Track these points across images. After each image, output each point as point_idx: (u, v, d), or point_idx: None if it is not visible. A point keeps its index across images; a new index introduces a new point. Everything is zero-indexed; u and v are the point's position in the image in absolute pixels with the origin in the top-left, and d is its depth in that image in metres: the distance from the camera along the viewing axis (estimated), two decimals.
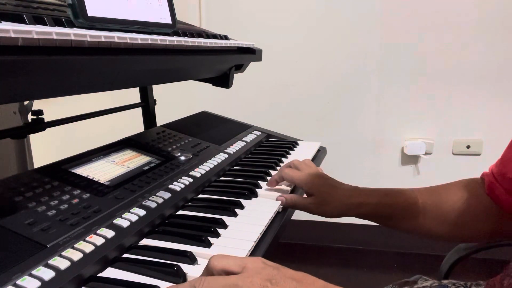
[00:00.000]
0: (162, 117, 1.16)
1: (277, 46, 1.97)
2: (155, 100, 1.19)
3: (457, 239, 0.77)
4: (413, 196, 0.75)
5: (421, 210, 0.74)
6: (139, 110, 1.17)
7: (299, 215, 0.81)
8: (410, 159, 2.01)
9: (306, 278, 0.44)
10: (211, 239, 0.58)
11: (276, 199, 0.75)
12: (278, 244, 0.64)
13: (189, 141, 0.95)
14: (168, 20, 0.76)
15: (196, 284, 0.42)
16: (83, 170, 0.69)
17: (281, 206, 0.74)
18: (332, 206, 0.74)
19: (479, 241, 0.75)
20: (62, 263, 0.46)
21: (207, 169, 0.83)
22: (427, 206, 0.74)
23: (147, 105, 1.17)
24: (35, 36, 0.44)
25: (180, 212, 0.69)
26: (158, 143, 0.89)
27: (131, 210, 0.60)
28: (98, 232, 0.53)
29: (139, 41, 0.61)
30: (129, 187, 0.67)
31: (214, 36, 0.94)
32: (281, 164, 0.95)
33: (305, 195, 0.79)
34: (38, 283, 0.43)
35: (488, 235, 0.73)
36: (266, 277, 0.42)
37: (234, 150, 0.98)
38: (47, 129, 0.82)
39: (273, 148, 1.08)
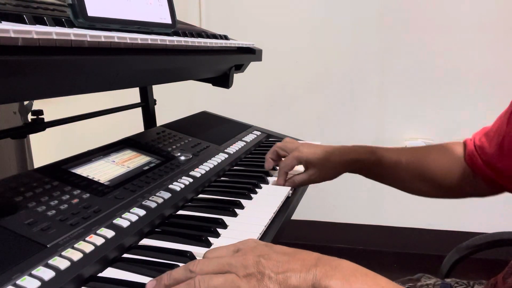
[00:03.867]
0: (162, 117, 1.16)
1: (277, 46, 1.97)
2: (155, 100, 1.19)
3: (434, 196, 0.86)
4: (397, 155, 0.83)
5: (404, 167, 0.82)
6: (139, 110, 1.17)
7: (299, 215, 0.82)
8: None
9: (299, 252, 0.44)
10: (211, 239, 0.58)
11: (285, 185, 0.83)
12: (278, 244, 0.64)
13: (189, 141, 0.95)
14: (168, 20, 0.76)
15: (191, 266, 0.43)
16: (83, 170, 0.69)
17: (281, 205, 0.74)
18: (330, 170, 0.83)
19: (453, 198, 0.85)
20: (62, 263, 0.46)
21: (207, 169, 0.83)
22: (410, 165, 0.82)
23: (147, 105, 1.17)
24: (35, 36, 0.44)
25: (180, 212, 0.69)
26: (158, 143, 0.89)
27: (131, 210, 0.60)
28: (98, 232, 0.53)
29: (139, 41, 0.61)
30: (129, 187, 0.67)
31: (214, 36, 0.94)
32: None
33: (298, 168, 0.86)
34: (38, 283, 0.43)
35: (462, 193, 0.82)
36: (259, 254, 0.43)
37: (234, 150, 0.98)
38: (47, 129, 0.82)
39: None
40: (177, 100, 1.96)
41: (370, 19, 1.92)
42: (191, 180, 0.76)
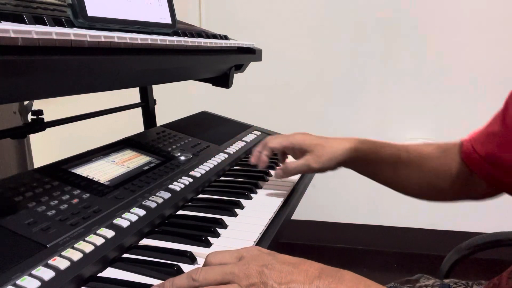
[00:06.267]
0: (162, 117, 1.16)
1: (277, 46, 1.97)
2: (155, 100, 1.19)
3: (429, 198, 0.82)
4: (397, 148, 0.79)
5: (405, 162, 0.78)
6: (139, 110, 1.17)
7: (299, 215, 0.82)
8: None
9: (303, 263, 0.44)
10: (211, 239, 0.58)
11: (274, 174, 0.79)
12: (278, 244, 0.64)
13: (189, 141, 0.95)
14: (168, 20, 0.76)
15: (193, 274, 0.43)
16: (83, 170, 0.69)
17: (281, 205, 0.74)
18: (328, 156, 0.78)
19: (444, 201, 0.81)
20: (62, 263, 0.46)
21: (207, 169, 0.83)
22: (411, 159, 0.78)
23: (147, 105, 1.17)
24: (35, 36, 0.44)
25: (180, 212, 0.69)
26: (158, 143, 0.89)
27: (131, 210, 0.60)
28: (98, 232, 0.53)
29: (139, 41, 0.61)
30: (129, 187, 0.67)
31: (214, 36, 0.94)
32: (281, 164, 0.95)
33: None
34: (38, 283, 0.43)
35: (458, 195, 0.78)
36: (262, 263, 0.42)
37: (234, 150, 0.98)
38: (47, 129, 0.82)
39: None
40: (177, 100, 1.96)
41: (371, 18, 1.92)
42: (191, 180, 0.76)
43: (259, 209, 0.71)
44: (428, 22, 1.87)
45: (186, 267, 0.51)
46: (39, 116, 0.80)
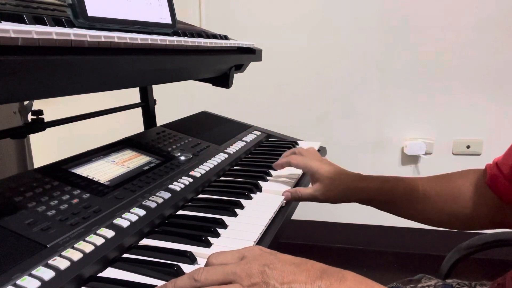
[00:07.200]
0: (162, 117, 1.16)
1: (277, 46, 1.97)
2: (155, 100, 1.19)
3: (455, 227, 0.77)
4: (413, 183, 0.76)
5: (421, 196, 0.75)
6: (139, 110, 1.17)
7: (299, 215, 0.82)
8: (410, 159, 2.01)
9: (304, 262, 0.44)
10: (211, 239, 0.58)
11: (282, 195, 0.79)
12: (278, 244, 0.64)
13: (189, 141, 0.95)
14: (168, 20, 0.76)
15: (195, 275, 0.43)
16: (83, 170, 0.69)
17: (283, 204, 0.74)
18: (337, 191, 0.79)
19: (477, 230, 0.75)
20: (62, 263, 0.46)
21: (207, 169, 0.83)
22: (427, 193, 0.75)
23: (147, 105, 1.17)
24: (35, 36, 0.44)
25: (180, 212, 0.69)
26: (158, 143, 0.89)
27: (131, 210, 0.60)
28: (98, 232, 0.53)
29: (139, 41, 0.61)
30: (129, 187, 0.67)
31: (214, 36, 0.94)
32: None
33: (310, 185, 0.83)
34: (38, 283, 0.43)
35: (486, 225, 0.72)
36: (264, 263, 0.42)
37: (234, 150, 0.98)
38: (47, 129, 0.82)
39: (273, 148, 1.08)
40: (177, 100, 1.96)
41: (370, 19, 1.92)
42: (191, 180, 0.76)
43: (259, 209, 0.71)
44: (428, 23, 1.87)
45: (186, 267, 0.51)
46: (39, 116, 0.80)
